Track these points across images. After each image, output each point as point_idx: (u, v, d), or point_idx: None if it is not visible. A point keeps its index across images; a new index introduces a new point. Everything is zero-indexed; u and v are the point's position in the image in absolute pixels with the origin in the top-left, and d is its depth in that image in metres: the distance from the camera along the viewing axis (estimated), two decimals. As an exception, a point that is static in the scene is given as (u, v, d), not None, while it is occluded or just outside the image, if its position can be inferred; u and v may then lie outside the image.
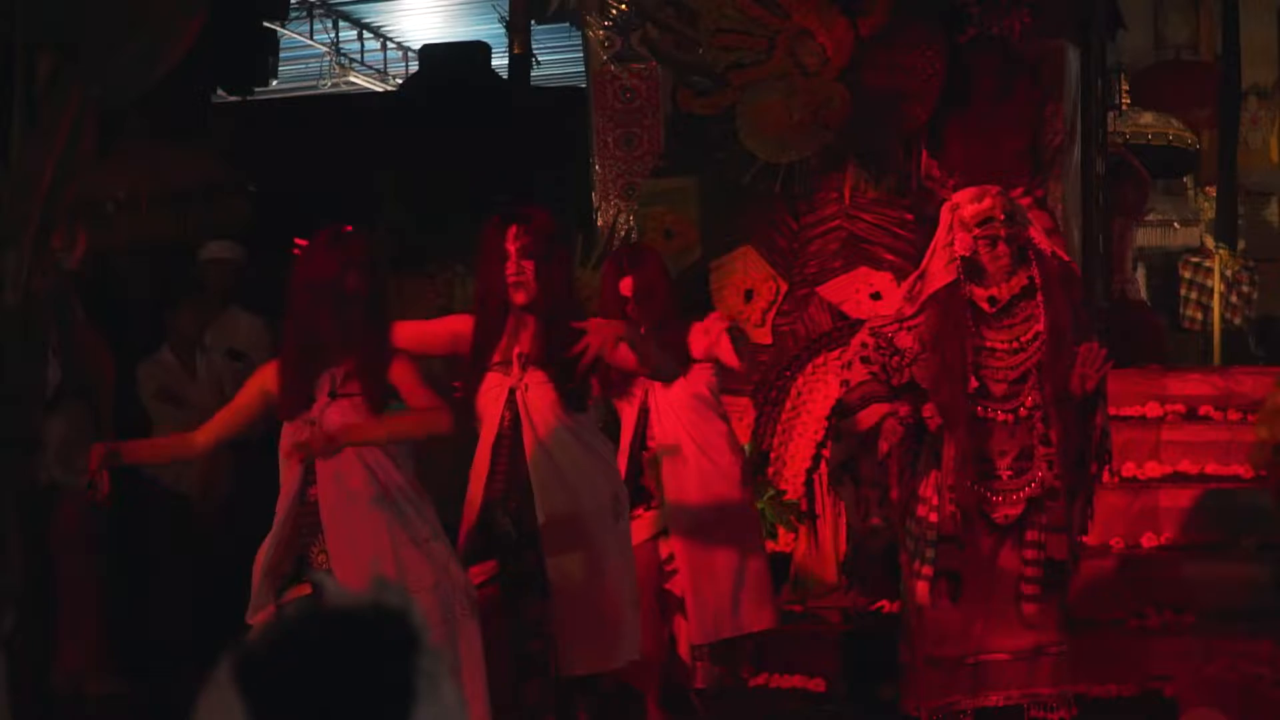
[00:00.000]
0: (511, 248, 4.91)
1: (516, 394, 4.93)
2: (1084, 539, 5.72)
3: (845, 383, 5.57)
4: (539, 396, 4.92)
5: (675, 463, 5.81)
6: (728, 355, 5.87)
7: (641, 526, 5.78)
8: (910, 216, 7.41)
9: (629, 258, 5.93)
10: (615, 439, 5.80)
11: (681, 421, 5.80)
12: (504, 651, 4.83)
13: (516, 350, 4.94)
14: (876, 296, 7.36)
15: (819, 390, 7.40)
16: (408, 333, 4.97)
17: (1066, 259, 5.72)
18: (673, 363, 5.31)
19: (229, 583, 7.28)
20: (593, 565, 4.94)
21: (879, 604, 6.91)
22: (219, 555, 7.31)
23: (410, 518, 4.47)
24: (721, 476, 5.86)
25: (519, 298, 4.92)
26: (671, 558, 5.84)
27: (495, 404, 4.93)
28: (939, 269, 5.44)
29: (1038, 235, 5.55)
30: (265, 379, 4.59)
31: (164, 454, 5.08)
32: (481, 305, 5.02)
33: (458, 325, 5.08)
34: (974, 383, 5.36)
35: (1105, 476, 5.60)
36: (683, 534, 5.82)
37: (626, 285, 5.75)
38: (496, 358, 4.97)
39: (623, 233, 7.90)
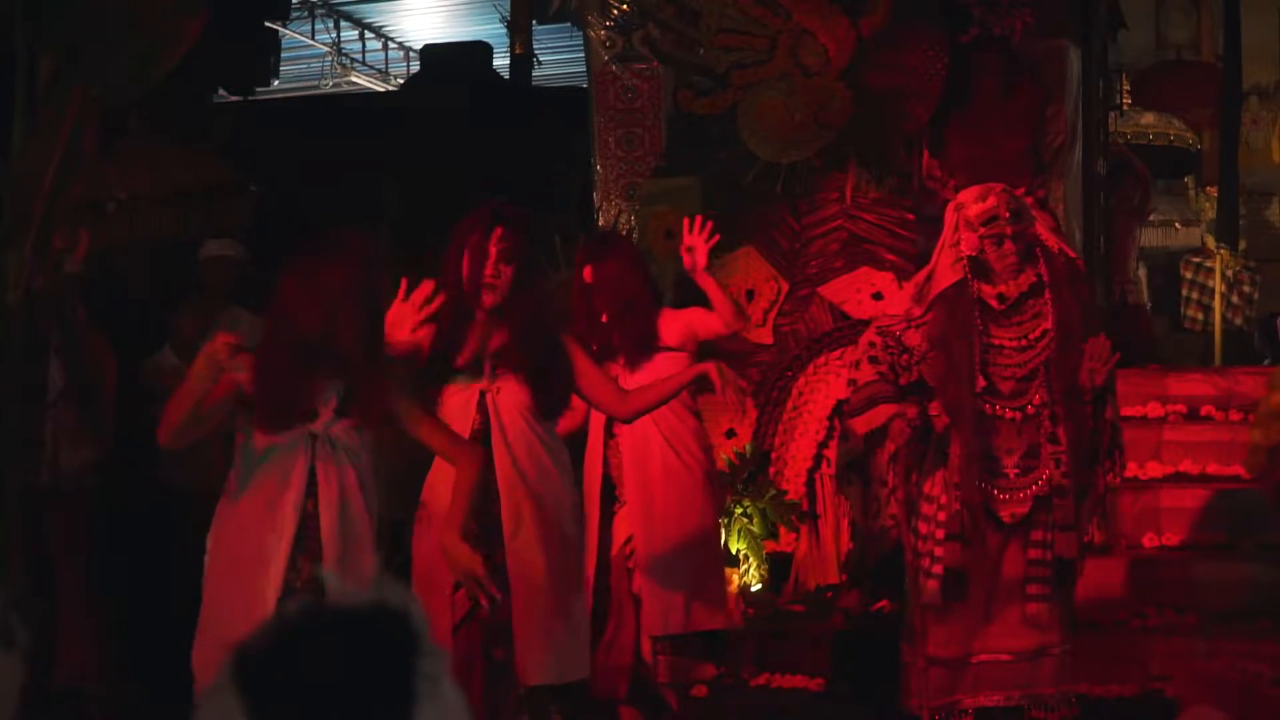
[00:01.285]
0: (493, 249, 4.81)
1: (487, 396, 4.83)
2: (1090, 538, 5.70)
3: (853, 382, 5.56)
4: (510, 400, 4.82)
5: (639, 454, 5.76)
6: (704, 324, 5.78)
7: (619, 527, 5.76)
8: (911, 216, 7.41)
9: (593, 246, 5.89)
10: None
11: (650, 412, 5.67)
12: (476, 658, 4.78)
13: (488, 352, 4.86)
14: (878, 296, 7.36)
15: (820, 390, 7.40)
16: None
17: (1073, 255, 5.70)
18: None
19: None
20: (553, 574, 4.84)
21: (879, 604, 6.91)
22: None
23: (383, 540, 4.42)
24: (686, 471, 5.79)
25: (489, 299, 4.81)
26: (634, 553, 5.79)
27: (465, 407, 4.81)
28: (946, 268, 5.43)
29: (1045, 232, 5.54)
30: (237, 380, 4.25)
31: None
32: (451, 302, 4.83)
33: (416, 335, 4.87)
34: (981, 381, 5.34)
35: (1111, 477, 5.59)
36: (642, 525, 5.75)
37: (588, 273, 5.70)
38: (462, 360, 4.87)
39: (624, 232, 7.89)
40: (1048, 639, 5.43)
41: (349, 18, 13.79)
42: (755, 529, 7.18)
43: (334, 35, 13.87)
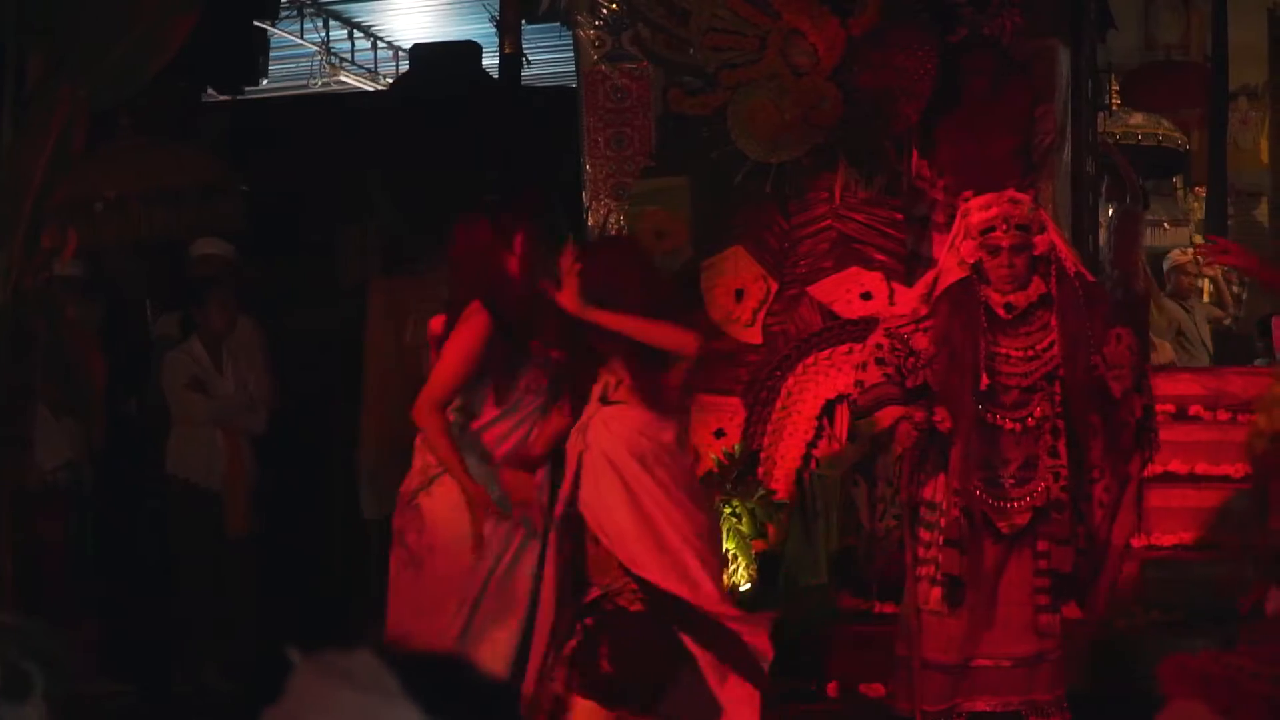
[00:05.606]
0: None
1: None
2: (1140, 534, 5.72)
3: (859, 384, 5.55)
4: None
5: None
6: None
7: None
8: (901, 216, 7.41)
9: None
10: None
11: None
12: None
13: None
14: (867, 296, 7.36)
15: (809, 390, 7.40)
16: None
17: (1092, 279, 5.67)
18: None
19: (254, 577, 7.35)
20: None
21: (873, 604, 6.91)
22: (245, 548, 7.37)
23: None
24: None
25: None
26: None
27: None
28: (952, 265, 5.43)
29: (1063, 248, 5.50)
30: None
31: None
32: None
33: None
34: (985, 379, 5.33)
35: (1154, 468, 5.55)
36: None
37: None
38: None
39: (613, 233, 7.88)
40: (1046, 645, 5.44)
41: (338, 17, 13.76)
42: (744, 529, 7.17)
43: (323, 34, 13.84)
